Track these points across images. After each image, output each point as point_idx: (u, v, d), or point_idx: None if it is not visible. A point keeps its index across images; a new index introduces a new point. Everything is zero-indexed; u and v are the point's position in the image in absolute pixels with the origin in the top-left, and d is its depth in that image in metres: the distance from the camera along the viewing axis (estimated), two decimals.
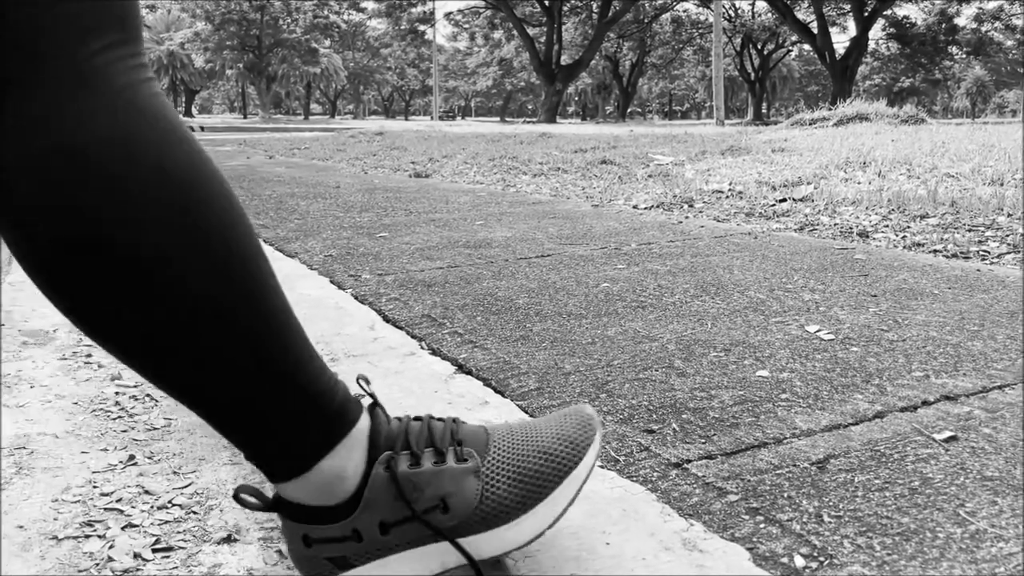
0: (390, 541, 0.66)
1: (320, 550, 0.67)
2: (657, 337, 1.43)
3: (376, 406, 0.69)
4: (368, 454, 0.66)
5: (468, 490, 0.68)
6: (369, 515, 0.66)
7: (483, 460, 0.69)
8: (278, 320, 0.61)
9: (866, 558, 0.72)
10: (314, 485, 0.65)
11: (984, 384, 1.16)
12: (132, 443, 1.62)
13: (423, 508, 0.66)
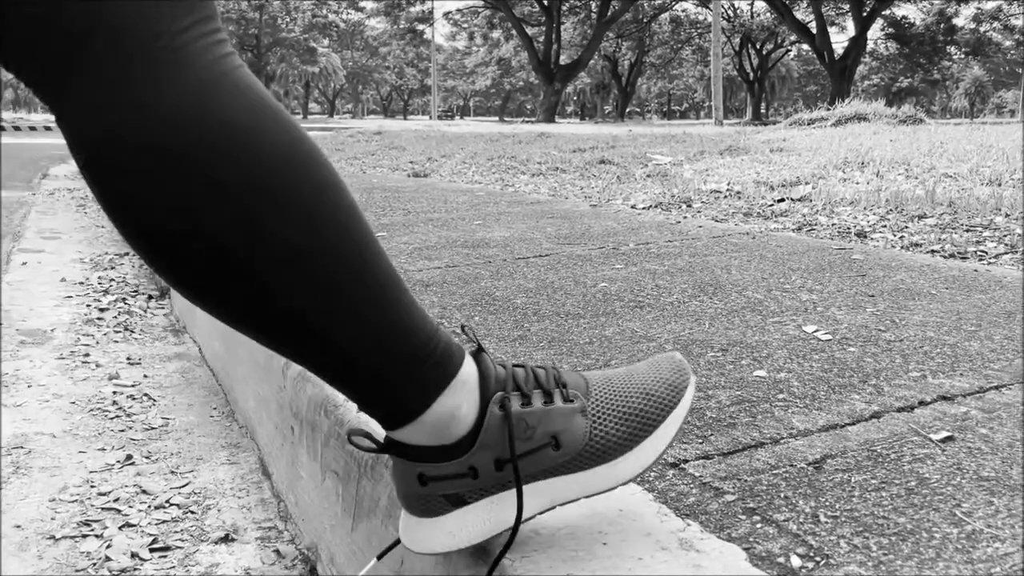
0: (503, 477, 0.70)
1: (436, 488, 0.70)
2: (655, 337, 1.43)
3: (481, 351, 0.72)
4: (480, 395, 0.70)
5: (577, 428, 0.72)
6: (485, 452, 0.69)
7: (587, 401, 0.74)
8: (383, 270, 0.65)
9: (862, 558, 0.72)
10: (429, 427, 0.68)
11: (981, 384, 1.16)
12: (130, 443, 1.62)
13: (536, 445, 0.70)
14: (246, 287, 0.60)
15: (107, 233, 4.28)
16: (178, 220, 0.57)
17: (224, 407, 1.81)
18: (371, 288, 0.64)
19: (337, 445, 1.12)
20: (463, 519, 0.71)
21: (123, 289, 2.93)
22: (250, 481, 1.46)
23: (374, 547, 0.98)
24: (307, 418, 1.26)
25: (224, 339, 1.91)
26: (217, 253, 0.59)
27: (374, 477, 1.00)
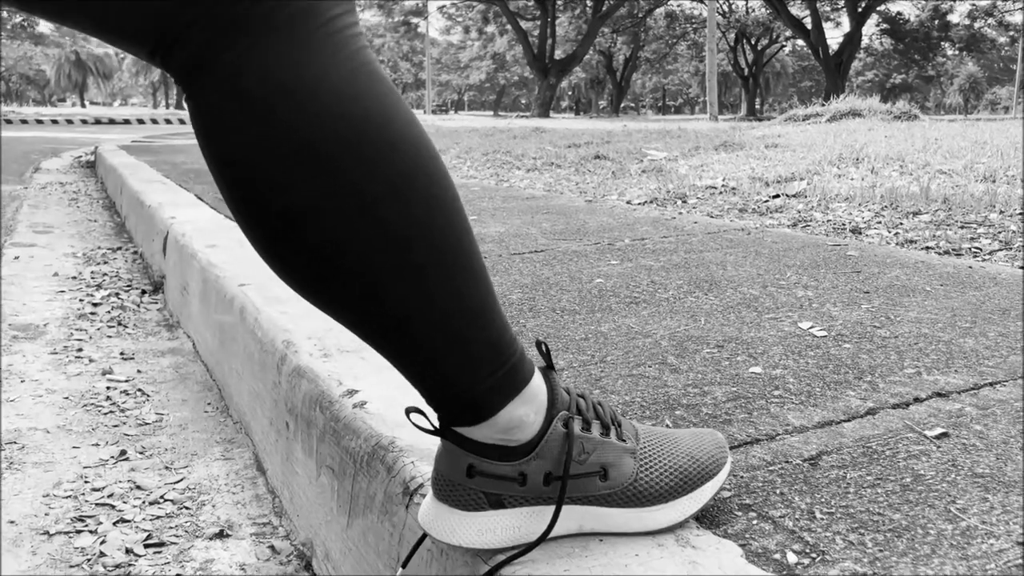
0: (547, 492, 0.72)
1: (481, 483, 0.71)
2: (651, 333, 1.43)
3: (551, 369, 0.75)
4: (547, 411, 0.72)
5: (626, 466, 0.75)
6: (538, 463, 0.71)
7: (637, 446, 0.77)
8: (480, 266, 0.67)
9: (858, 554, 0.72)
10: (493, 430, 0.70)
11: (976, 381, 1.16)
12: (124, 438, 1.61)
13: (586, 471, 0.73)
14: (357, 276, 0.62)
15: (99, 227, 4.27)
16: (301, 199, 0.60)
17: (218, 403, 1.81)
18: (471, 282, 0.66)
19: (332, 441, 1.12)
20: (496, 521, 0.72)
21: (116, 284, 2.92)
22: (245, 477, 1.46)
23: (369, 543, 0.98)
24: (302, 414, 1.25)
25: (218, 334, 1.91)
26: (339, 244, 0.61)
27: (370, 473, 1.00)
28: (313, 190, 0.59)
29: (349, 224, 0.61)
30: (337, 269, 0.62)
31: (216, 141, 0.60)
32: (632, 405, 1.10)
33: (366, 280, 0.63)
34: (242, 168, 0.60)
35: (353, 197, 0.60)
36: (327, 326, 1.49)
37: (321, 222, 0.60)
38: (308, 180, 0.59)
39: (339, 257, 0.62)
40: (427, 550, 0.84)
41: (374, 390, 1.16)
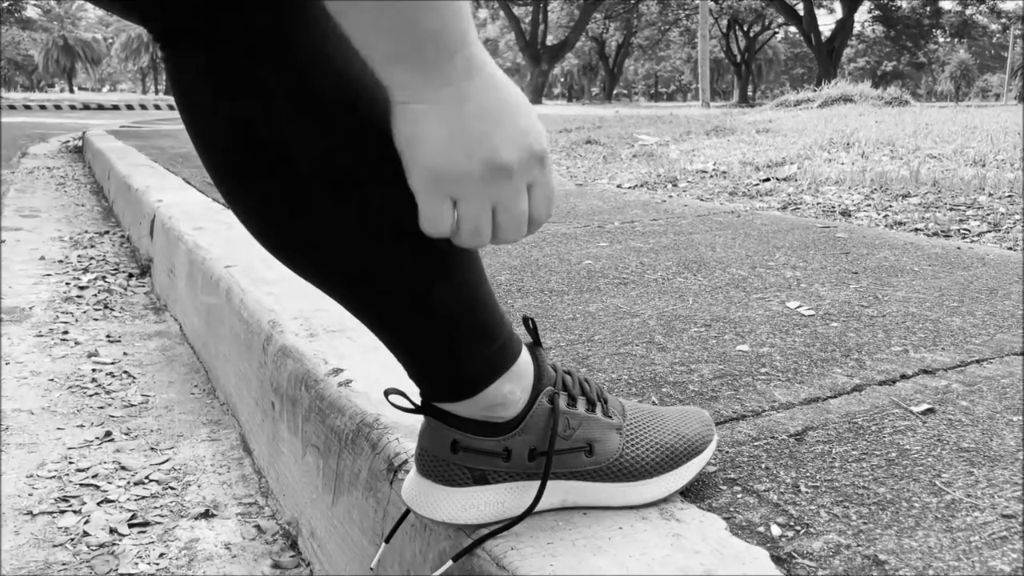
0: (532, 467, 0.72)
1: (465, 458, 0.71)
2: (638, 313, 1.43)
3: (538, 346, 0.74)
4: (533, 387, 0.71)
5: (612, 442, 0.75)
6: (524, 439, 0.71)
7: (624, 422, 0.77)
8: (470, 250, 0.65)
9: (842, 527, 0.72)
10: (479, 405, 0.69)
11: (962, 359, 1.16)
12: (109, 419, 1.60)
13: (571, 446, 0.73)
14: (348, 253, 0.61)
15: (87, 212, 4.24)
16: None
17: (205, 384, 1.80)
18: (463, 261, 0.65)
19: (317, 420, 1.11)
20: (479, 497, 0.72)
21: (103, 267, 2.89)
22: (231, 457, 1.45)
23: (354, 520, 0.98)
24: (288, 393, 1.24)
25: (204, 316, 1.89)
26: (330, 214, 0.60)
27: (354, 451, 0.99)
28: (308, 152, 0.58)
29: (340, 194, 0.59)
30: (328, 241, 0.61)
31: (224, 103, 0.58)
32: (619, 383, 1.09)
33: (357, 256, 0.61)
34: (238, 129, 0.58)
35: (344, 167, 0.58)
36: (314, 306, 1.48)
37: (310, 191, 0.59)
38: (300, 143, 0.57)
39: (331, 229, 0.60)
40: (411, 525, 0.83)
41: (360, 369, 1.15)
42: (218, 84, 0.57)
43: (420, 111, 0.54)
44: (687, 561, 0.67)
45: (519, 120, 0.56)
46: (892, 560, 0.67)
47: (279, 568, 1.11)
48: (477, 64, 0.54)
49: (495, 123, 0.55)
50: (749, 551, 0.69)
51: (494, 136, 0.55)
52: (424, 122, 0.54)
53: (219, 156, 0.60)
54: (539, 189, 0.59)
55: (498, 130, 0.55)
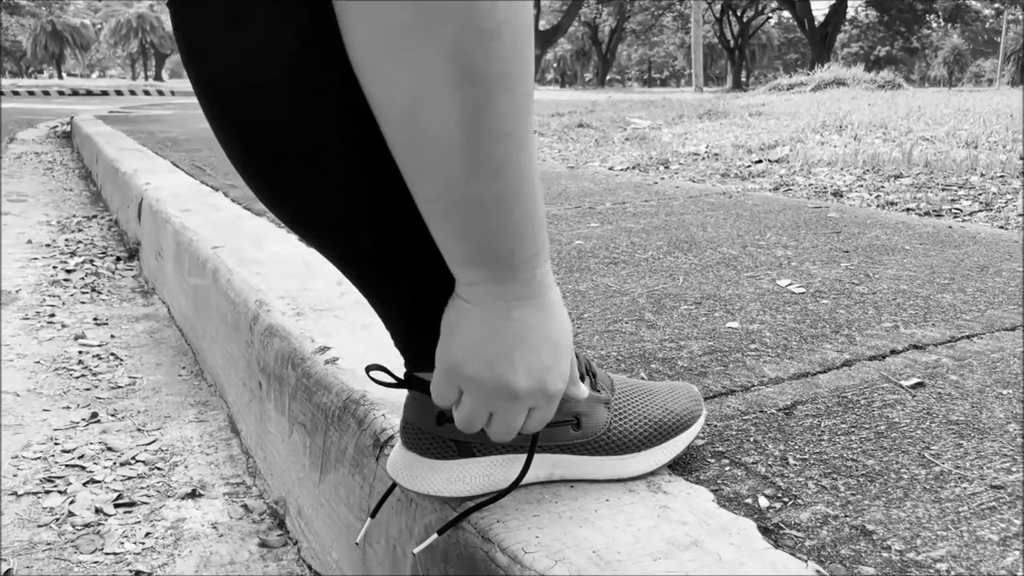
0: (516, 440, 0.70)
1: (450, 431, 0.70)
2: (628, 292, 1.42)
3: None
4: None
5: (599, 416, 0.74)
6: None
7: (612, 396, 0.76)
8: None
9: (830, 498, 0.72)
10: None
11: (953, 334, 1.16)
12: (95, 401, 1.59)
13: (558, 419, 0.72)
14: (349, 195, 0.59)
15: (75, 196, 4.20)
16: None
17: (193, 366, 1.79)
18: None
19: (304, 397, 1.10)
20: (464, 469, 0.71)
21: (90, 251, 2.87)
22: (219, 438, 1.44)
23: (341, 497, 0.97)
24: (274, 372, 1.23)
25: (192, 297, 1.88)
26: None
27: (341, 428, 0.98)
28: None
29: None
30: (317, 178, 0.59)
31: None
32: (608, 359, 1.08)
33: (346, 202, 0.59)
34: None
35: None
36: (301, 286, 1.47)
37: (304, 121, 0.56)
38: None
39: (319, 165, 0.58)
40: (397, 500, 0.82)
41: (347, 347, 1.14)
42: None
43: (468, 309, 0.59)
44: (673, 532, 0.67)
45: (545, 356, 0.61)
46: (880, 530, 0.67)
47: (266, 547, 1.10)
48: (536, 289, 0.59)
49: (526, 349, 0.60)
50: (736, 522, 0.68)
51: (517, 360, 0.60)
52: (467, 319, 0.59)
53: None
54: (538, 412, 0.64)
55: (526, 357, 0.60)
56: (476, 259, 0.57)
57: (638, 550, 0.64)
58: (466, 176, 0.52)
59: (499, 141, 0.51)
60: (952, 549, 0.64)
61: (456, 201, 0.54)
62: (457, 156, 0.51)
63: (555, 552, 0.65)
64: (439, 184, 0.53)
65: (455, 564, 0.71)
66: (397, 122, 0.52)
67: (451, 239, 0.56)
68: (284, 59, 0.53)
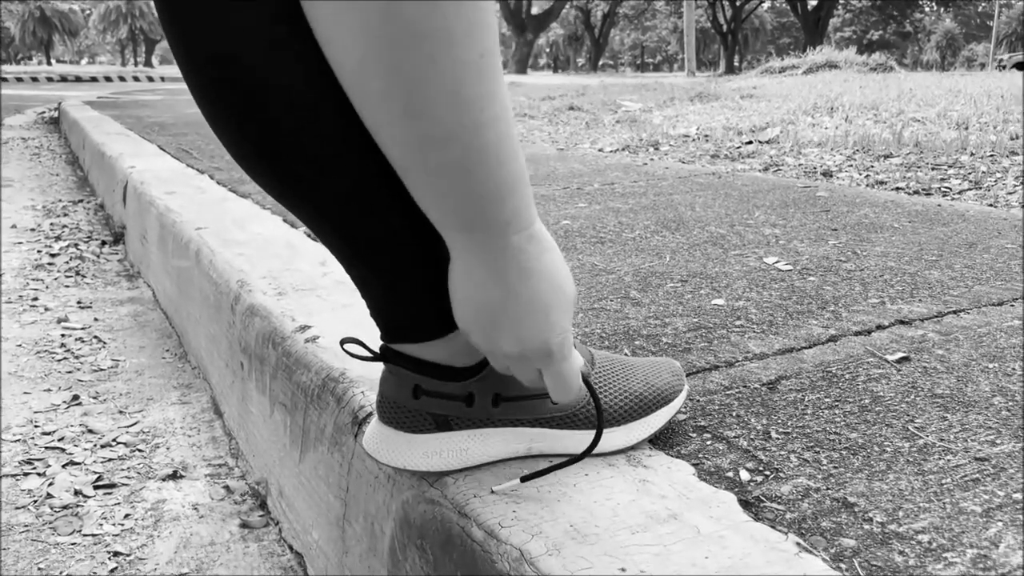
0: (495, 414, 0.70)
1: (427, 404, 0.69)
2: (614, 270, 1.41)
3: None
4: None
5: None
6: (488, 384, 0.69)
7: (592, 370, 0.75)
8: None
9: (812, 471, 0.71)
10: (442, 349, 0.67)
11: (939, 309, 1.15)
12: (77, 384, 1.57)
13: (535, 393, 0.70)
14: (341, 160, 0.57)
15: (61, 181, 4.17)
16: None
17: (177, 349, 1.77)
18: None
19: (284, 376, 1.09)
20: (442, 444, 0.70)
21: (76, 235, 2.84)
22: (202, 420, 1.43)
23: (320, 476, 0.96)
24: (256, 352, 1.22)
25: (176, 280, 1.86)
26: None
27: (320, 406, 0.97)
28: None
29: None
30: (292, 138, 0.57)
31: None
32: (591, 336, 1.07)
33: (323, 158, 0.57)
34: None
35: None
36: (284, 266, 1.45)
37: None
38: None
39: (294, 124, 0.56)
40: (374, 476, 0.81)
41: (328, 326, 1.13)
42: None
43: (455, 274, 0.59)
44: (653, 506, 0.66)
45: (537, 319, 0.59)
46: (862, 502, 0.66)
47: (247, 527, 1.09)
48: (516, 253, 0.57)
49: (513, 318, 0.59)
50: (716, 495, 0.67)
51: (505, 328, 0.59)
52: (457, 286, 0.59)
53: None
54: (553, 369, 0.63)
55: (515, 324, 0.59)
56: (451, 223, 0.55)
57: (616, 524, 0.63)
58: (419, 142, 0.50)
59: (450, 105, 0.49)
60: (934, 521, 0.63)
61: (417, 167, 0.52)
62: (403, 122, 0.49)
63: (532, 527, 0.63)
64: (397, 150, 0.52)
65: (431, 539, 0.70)
66: (350, 88, 0.50)
67: (425, 204, 0.55)
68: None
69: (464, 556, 0.65)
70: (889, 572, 0.57)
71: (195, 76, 0.56)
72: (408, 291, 0.65)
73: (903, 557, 0.58)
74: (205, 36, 0.54)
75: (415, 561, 0.72)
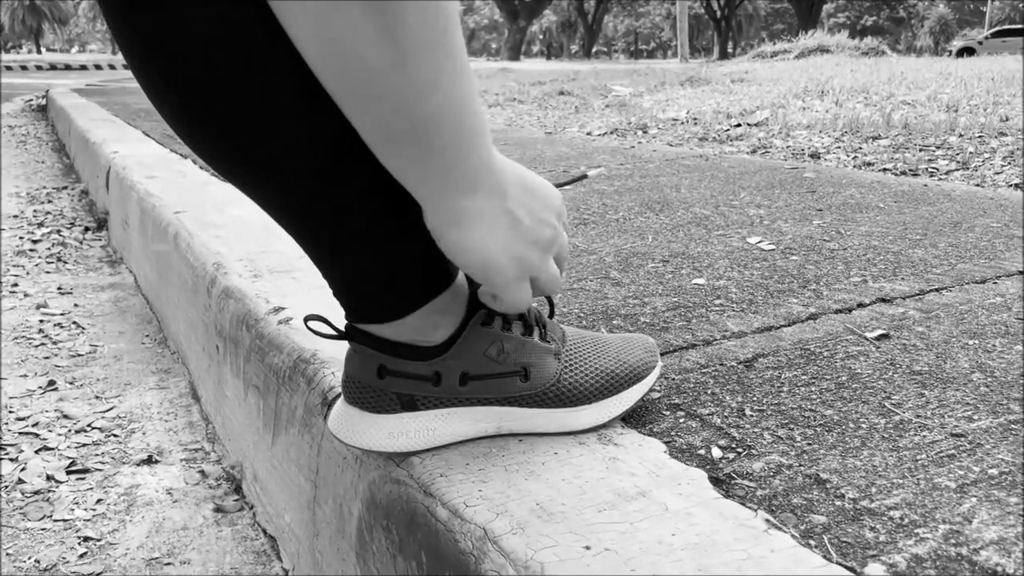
0: (462, 393, 0.68)
1: (392, 383, 0.67)
2: (596, 251, 1.39)
3: None
4: (468, 309, 0.68)
5: (549, 367, 0.71)
6: (455, 363, 0.67)
7: (563, 347, 0.73)
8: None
9: (785, 448, 0.69)
10: (408, 328, 0.66)
11: (921, 287, 1.13)
12: (54, 369, 1.55)
13: (506, 370, 0.69)
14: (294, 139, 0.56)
15: (47, 168, 4.13)
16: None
17: (157, 334, 1.75)
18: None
19: (257, 359, 1.07)
20: (407, 424, 0.68)
21: (59, 222, 2.82)
22: (179, 405, 1.41)
23: (291, 458, 0.94)
24: (230, 335, 1.20)
25: (156, 264, 1.84)
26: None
27: (291, 387, 0.95)
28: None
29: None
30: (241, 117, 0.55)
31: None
32: (569, 316, 1.06)
33: (278, 141, 0.56)
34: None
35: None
36: (261, 249, 1.43)
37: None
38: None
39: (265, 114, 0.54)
40: (342, 458, 0.80)
41: (302, 307, 1.11)
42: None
43: (429, 223, 0.58)
44: (622, 483, 0.64)
45: (536, 229, 0.60)
46: (834, 479, 0.64)
47: (221, 512, 1.08)
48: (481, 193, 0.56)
49: (489, 258, 0.58)
50: (687, 472, 0.66)
51: (522, 258, 0.60)
52: (474, 236, 0.58)
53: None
54: (544, 277, 0.63)
55: (495, 266, 0.59)
56: (458, 183, 0.55)
57: (583, 502, 0.62)
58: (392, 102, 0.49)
59: (425, 60, 0.48)
60: (907, 496, 0.62)
61: (379, 130, 0.51)
62: (381, 79, 0.48)
63: (497, 505, 0.62)
64: (367, 120, 0.50)
65: (396, 520, 0.68)
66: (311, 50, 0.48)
67: (419, 173, 0.54)
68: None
69: (428, 536, 0.63)
70: (859, 548, 0.56)
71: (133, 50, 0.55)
72: (369, 271, 0.64)
73: (874, 533, 0.57)
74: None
75: (381, 542, 0.71)
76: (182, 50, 0.52)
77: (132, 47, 0.55)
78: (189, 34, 0.52)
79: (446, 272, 0.66)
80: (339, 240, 0.62)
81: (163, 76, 0.54)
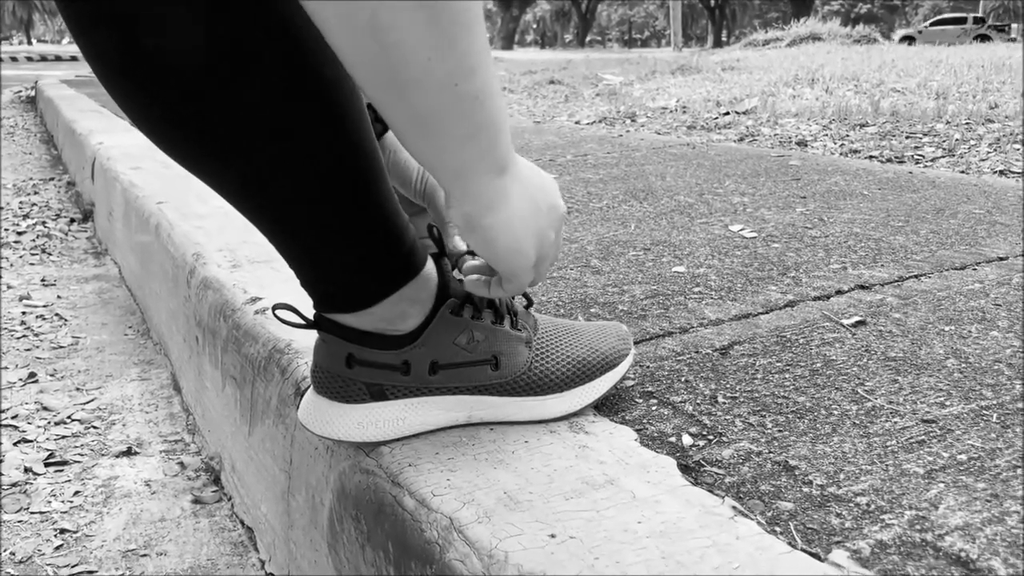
0: (432, 382, 0.68)
1: (361, 373, 0.67)
2: (578, 240, 1.39)
3: (442, 256, 0.69)
4: (436, 297, 0.68)
5: (520, 356, 0.71)
6: (424, 351, 0.67)
7: (534, 336, 0.73)
8: (371, 154, 0.61)
9: (756, 435, 0.69)
10: (376, 317, 0.66)
11: (901, 274, 1.13)
12: (35, 361, 1.54)
13: (476, 359, 0.69)
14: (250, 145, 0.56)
15: (34, 160, 4.10)
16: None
17: (140, 326, 1.74)
18: (368, 159, 0.60)
19: (234, 349, 1.07)
20: (376, 413, 0.68)
21: (44, 213, 2.80)
22: (160, 396, 1.41)
23: (267, 448, 0.94)
24: (208, 325, 1.19)
25: (139, 255, 1.83)
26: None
27: (266, 378, 0.95)
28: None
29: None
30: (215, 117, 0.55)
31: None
32: (548, 304, 1.05)
33: (244, 130, 0.55)
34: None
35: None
36: (241, 239, 1.42)
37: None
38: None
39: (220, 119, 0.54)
40: (314, 448, 0.79)
41: (279, 297, 1.10)
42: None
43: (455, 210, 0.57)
44: (590, 471, 0.64)
45: (548, 215, 0.60)
46: (803, 465, 0.64)
47: (199, 503, 1.07)
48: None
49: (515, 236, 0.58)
50: (656, 460, 0.65)
51: (525, 241, 0.59)
52: (500, 221, 0.57)
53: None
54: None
55: (539, 228, 0.60)
56: (488, 166, 0.54)
57: (551, 490, 0.62)
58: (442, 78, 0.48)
59: (467, 37, 0.48)
60: (875, 483, 0.62)
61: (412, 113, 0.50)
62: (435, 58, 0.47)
63: (465, 494, 0.62)
64: (406, 108, 0.49)
65: (365, 510, 0.68)
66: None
67: (468, 151, 0.53)
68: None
69: (395, 526, 0.63)
70: (824, 534, 0.55)
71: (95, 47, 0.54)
72: (334, 260, 0.63)
73: (840, 519, 0.57)
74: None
75: (351, 532, 0.71)
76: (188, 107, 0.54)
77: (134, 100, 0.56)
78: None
79: (413, 261, 0.66)
80: (303, 230, 0.62)
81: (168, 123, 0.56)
